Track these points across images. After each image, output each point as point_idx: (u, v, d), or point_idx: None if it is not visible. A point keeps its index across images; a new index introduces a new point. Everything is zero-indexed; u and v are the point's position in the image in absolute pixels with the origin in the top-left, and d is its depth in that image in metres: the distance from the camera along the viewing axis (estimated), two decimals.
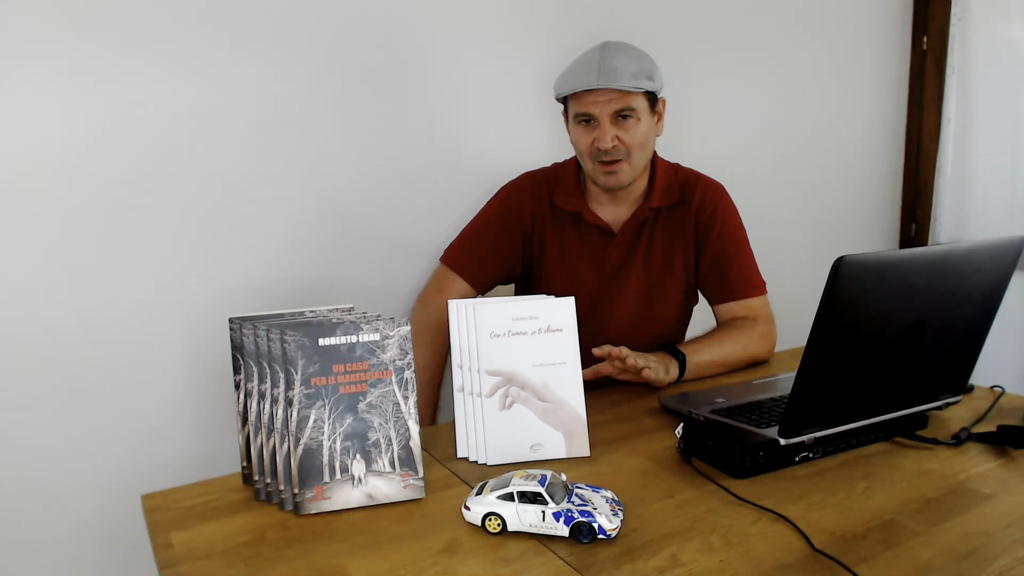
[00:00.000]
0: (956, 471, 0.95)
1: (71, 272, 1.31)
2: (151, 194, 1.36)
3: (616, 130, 1.34)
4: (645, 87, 1.33)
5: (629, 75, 1.31)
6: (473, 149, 1.72)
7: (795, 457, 0.98)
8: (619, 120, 1.34)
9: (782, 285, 1.78)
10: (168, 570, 0.78)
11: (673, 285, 1.49)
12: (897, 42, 2.53)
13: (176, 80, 1.36)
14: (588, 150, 1.37)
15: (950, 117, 2.45)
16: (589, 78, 1.31)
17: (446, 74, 1.66)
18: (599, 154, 1.36)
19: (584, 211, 1.45)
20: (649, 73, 1.34)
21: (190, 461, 1.44)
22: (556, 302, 1.02)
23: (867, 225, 2.59)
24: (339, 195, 1.56)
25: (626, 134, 1.34)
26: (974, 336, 1.05)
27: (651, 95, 1.37)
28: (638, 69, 1.33)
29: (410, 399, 0.90)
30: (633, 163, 1.37)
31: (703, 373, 1.36)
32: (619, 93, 1.32)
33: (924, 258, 0.93)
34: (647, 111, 1.36)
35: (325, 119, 1.52)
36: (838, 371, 0.92)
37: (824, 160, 2.40)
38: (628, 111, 1.33)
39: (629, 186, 1.43)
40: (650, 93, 1.36)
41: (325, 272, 1.56)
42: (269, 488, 0.91)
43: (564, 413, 1.01)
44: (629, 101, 1.32)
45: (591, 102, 1.33)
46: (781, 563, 0.75)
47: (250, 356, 0.90)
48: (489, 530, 0.81)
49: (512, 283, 1.60)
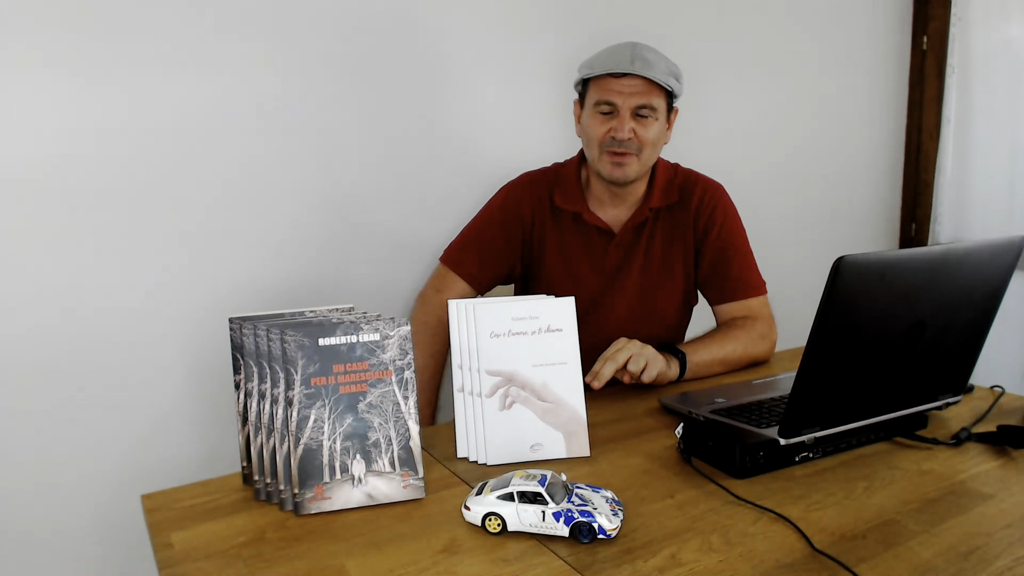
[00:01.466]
0: (956, 471, 0.95)
1: (71, 272, 1.31)
2: (151, 193, 1.36)
3: (634, 124, 1.35)
4: (672, 86, 1.35)
5: (661, 70, 1.33)
6: (473, 149, 1.72)
7: (795, 457, 0.98)
8: (638, 117, 1.35)
9: (782, 285, 1.78)
10: (168, 570, 0.78)
11: (673, 285, 1.49)
12: (897, 42, 2.53)
13: (177, 80, 1.36)
14: (602, 138, 1.37)
15: (950, 117, 2.45)
16: (623, 63, 1.33)
17: (447, 74, 1.66)
18: (612, 143, 1.36)
19: (584, 212, 1.45)
20: (677, 74, 1.37)
21: (190, 461, 1.44)
22: (556, 302, 1.02)
23: (867, 225, 2.59)
24: (339, 195, 1.56)
25: (643, 130, 1.35)
26: (974, 336, 1.05)
27: (670, 99, 1.39)
28: (667, 68, 1.35)
29: (410, 399, 0.90)
30: (643, 160, 1.38)
31: (703, 373, 1.36)
32: (647, 86, 1.33)
33: (924, 258, 0.93)
34: (664, 113, 1.38)
35: (326, 120, 1.52)
36: (838, 371, 0.92)
37: (824, 160, 2.40)
38: (649, 109, 1.35)
39: (630, 186, 1.43)
40: (670, 96, 1.38)
41: (325, 272, 1.56)
42: (269, 488, 0.91)
43: (564, 413, 1.01)
44: (652, 98, 1.34)
45: (617, 91, 1.34)
46: (781, 563, 0.75)
47: (250, 356, 0.90)
48: (489, 530, 0.81)
49: (512, 283, 1.60)
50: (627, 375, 1.23)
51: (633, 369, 1.22)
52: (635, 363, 1.22)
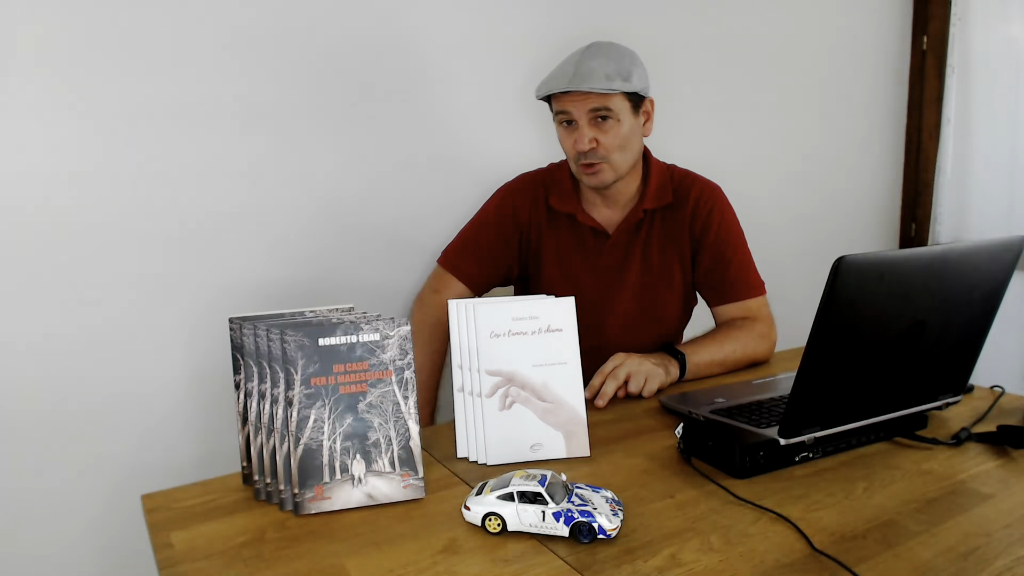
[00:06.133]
0: (956, 471, 0.95)
1: (70, 272, 1.31)
2: (151, 193, 1.36)
3: (595, 131, 1.33)
4: (620, 88, 1.30)
5: (603, 77, 1.29)
6: (472, 150, 1.72)
7: (795, 457, 0.98)
8: (598, 121, 1.33)
9: (782, 285, 1.78)
10: (168, 570, 0.78)
11: (671, 287, 1.48)
12: (897, 42, 2.53)
13: (176, 80, 1.36)
14: (570, 151, 1.38)
15: (950, 117, 2.45)
16: (562, 81, 1.31)
17: (445, 75, 1.66)
18: (580, 156, 1.36)
19: (578, 213, 1.45)
20: (627, 74, 1.31)
21: (190, 461, 1.44)
22: (556, 302, 1.02)
23: (867, 225, 2.59)
24: (339, 196, 1.56)
25: (605, 136, 1.33)
26: (974, 336, 1.05)
27: (633, 95, 1.34)
28: (614, 70, 1.30)
29: (410, 399, 0.90)
30: (614, 164, 1.36)
31: (703, 373, 1.36)
32: (593, 94, 1.30)
33: (924, 258, 0.93)
34: (628, 112, 1.34)
35: (325, 120, 1.52)
36: (838, 371, 0.92)
37: (824, 160, 2.40)
38: (605, 112, 1.31)
39: (620, 188, 1.42)
40: (630, 93, 1.33)
41: (325, 272, 1.56)
42: (269, 488, 0.91)
43: (564, 413, 1.01)
44: (605, 102, 1.31)
45: (568, 103, 1.33)
46: (781, 563, 0.75)
47: (250, 356, 0.90)
48: (489, 530, 0.81)
49: (510, 284, 1.60)
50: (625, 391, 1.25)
51: (633, 388, 1.24)
52: (635, 382, 1.24)
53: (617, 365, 1.24)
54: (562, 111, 1.34)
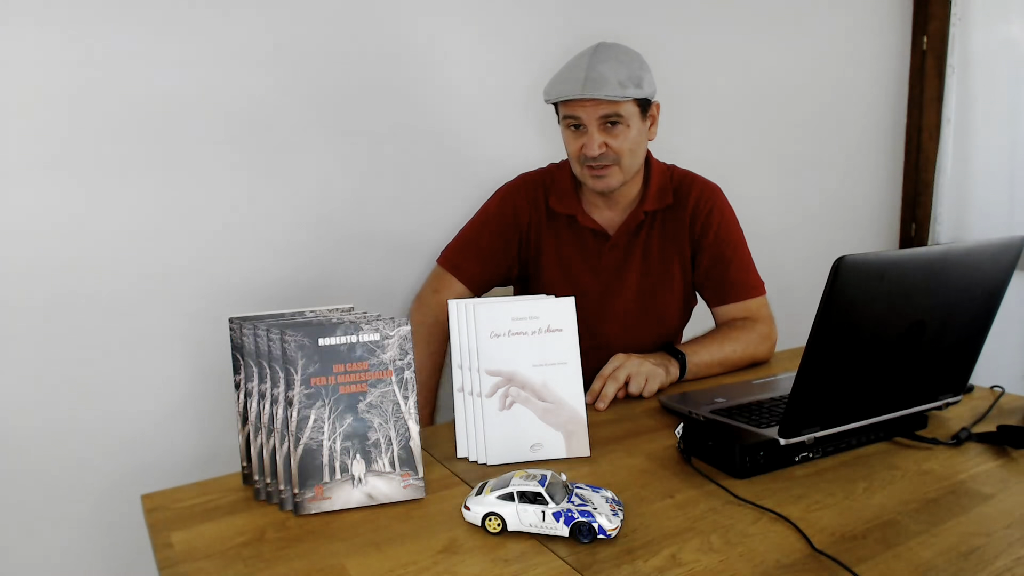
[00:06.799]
0: (956, 471, 0.95)
1: (70, 271, 1.31)
2: (151, 193, 1.36)
3: (605, 136, 1.32)
4: (632, 95, 1.29)
5: (616, 83, 1.28)
6: (472, 149, 1.72)
7: (795, 457, 0.98)
8: (608, 127, 1.32)
9: (782, 285, 1.78)
10: (168, 570, 0.78)
11: (672, 287, 1.48)
12: (897, 42, 2.53)
13: (177, 78, 1.36)
14: (577, 155, 1.36)
15: (950, 117, 2.45)
16: (575, 87, 1.29)
17: (445, 75, 1.66)
18: (588, 160, 1.35)
19: (579, 214, 1.45)
20: (638, 80, 1.31)
21: (190, 461, 1.44)
22: (556, 302, 1.02)
23: (867, 225, 2.59)
24: (339, 196, 1.56)
25: (615, 140, 1.32)
26: (974, 336, 1.05)
27: (642, 101, 1.33)
28: (626, 76, 1.29)
29: (410, 399, 0.90)
30: (624, 168, 1.36)
31: (703, 373, 1.36)
32: (606, 101, 1.29)
33: (924, 258, 0.93)
34: (637, 116, 1.33)
35: (325, 120, 1.52)
36: (838, 371, 0.92)
37: (824, 160, 2.40)
38: (616, 117, 1.31)
39: (623, 190, 1.42)
40: (640, 99, 1.33)
41: (325, 272, 1.56)
42: (269, 488, 0.91)
43: (564, 413, 1.01)
44: (617, 108, 1.30)
45: (578, 108, 1.32)
46: (781, 563, 0.75)
47: (250, 356, 0.90)
48: (489, 530, 0.81)
49: (510, 284, 1.60)
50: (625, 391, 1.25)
51: (634, 389, 1.24)
52: (635, 383, 1.24)
53: (617, 367, 1.24)
54: (571, 116, 1.33)
